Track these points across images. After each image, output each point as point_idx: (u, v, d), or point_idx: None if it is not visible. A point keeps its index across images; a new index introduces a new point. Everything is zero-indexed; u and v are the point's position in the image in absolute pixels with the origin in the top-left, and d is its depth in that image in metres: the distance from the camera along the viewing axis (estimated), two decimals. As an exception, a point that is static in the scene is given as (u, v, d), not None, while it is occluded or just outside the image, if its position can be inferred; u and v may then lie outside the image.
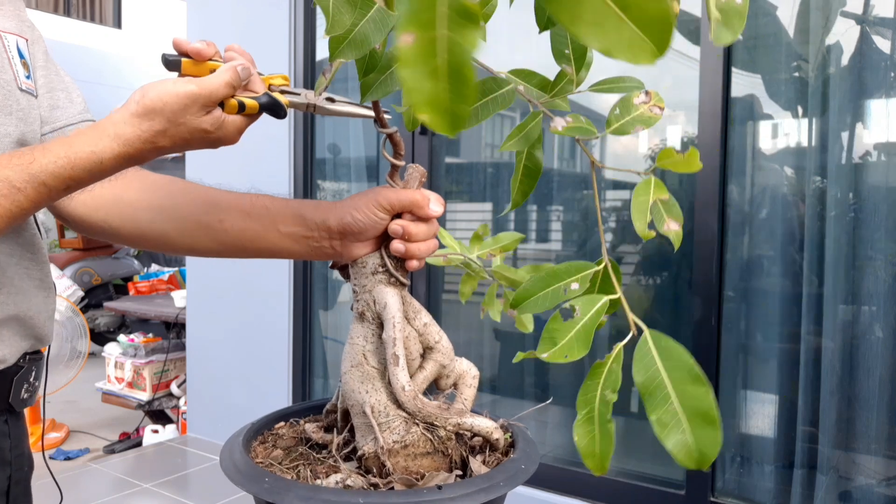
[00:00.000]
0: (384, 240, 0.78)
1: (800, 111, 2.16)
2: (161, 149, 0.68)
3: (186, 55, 0.68)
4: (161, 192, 0.86)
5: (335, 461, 0.76)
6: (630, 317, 0.49)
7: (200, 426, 3.57)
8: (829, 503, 2.10)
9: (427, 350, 0.79)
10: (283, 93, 0.72)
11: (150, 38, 10.02)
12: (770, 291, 2.21)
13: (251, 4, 3.29)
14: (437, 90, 0.38)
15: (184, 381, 3.75)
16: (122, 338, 3.93)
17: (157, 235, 0.86)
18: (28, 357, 0.90)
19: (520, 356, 0.52)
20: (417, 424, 0.72)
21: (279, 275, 3.27)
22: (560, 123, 0.55)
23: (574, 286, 0.52)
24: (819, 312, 2.08)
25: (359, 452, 0.74)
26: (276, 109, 0.71)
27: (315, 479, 0.72)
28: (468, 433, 0.75)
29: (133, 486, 2.97)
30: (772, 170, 2.25)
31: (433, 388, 0.81)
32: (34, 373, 0.92)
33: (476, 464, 0.72)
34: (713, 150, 2.17)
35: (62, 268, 5.53)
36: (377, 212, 0.75)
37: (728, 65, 2.16)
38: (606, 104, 2.71)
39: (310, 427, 0.83)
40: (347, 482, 0.69)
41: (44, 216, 0.95)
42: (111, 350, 3.91)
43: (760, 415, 2.26)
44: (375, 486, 0.70)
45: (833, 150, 2.06)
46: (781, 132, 2.23)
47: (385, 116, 0.76)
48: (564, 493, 2.48)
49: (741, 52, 2.20)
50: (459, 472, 0.73)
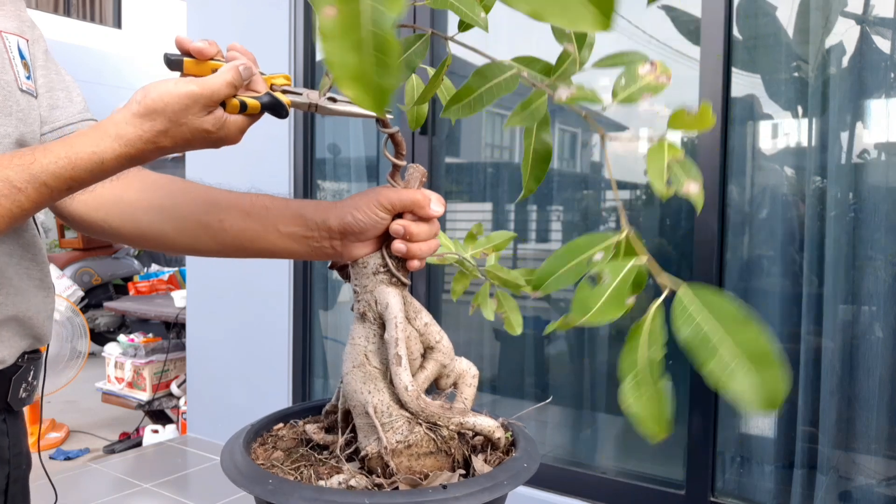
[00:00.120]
0: (385, 240, 0.78)
1: (800, 111, 2.15)
2: (163, 149, 0.68)
3: (189, 54, 0.68)
4: (161, 192, 0.86)
5: (337, 462, 0.76)
6: (664, 276, 0.47)
7: (200, 426, 3.57)
8: (829, 503, 2.10)
9: (428, 350, 0.79)
10: (285, 92, 0.72)
11: (150, 38, 10.01)
12: (770, 291, 2.20)
13: (251, 4, 3.29)
14: (362, 64, 0.37)
15: (184, 381, 3.75)
16: (122, 338, 3.93)
17: (157, 235, 0.86)
18: (27, 356, 0.90)
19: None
20: (420, 424, 0.72)
21: (279, 275, 3.27)
22: (564, 93, 0.54)
23: (597, 256, 0.51)
24: (819, 312, 2.08)
25: (361, 453, 0.74)
26: (278, 109, 0.71)
27: (318, 481, 0.72)
28: (470, 432, 0.75)
29: (133, 486, 2.96)
30: (772, 170, 2.25)
31: (433, 388, 0.81)
32: (32, 372, 0.92)
33: (479, 463, 0.72)
34: (713, 150, 2.17)
35: (62, 268, 5.53)
36: (378, 212, 0.75)
37: (728, 65, 2.16)
38: (606, 104, 2.70)
39: (310, 428, 0.83)
40: (351, 483, 0.69)
41: (44, 216, 0.95)
42: (111, 350, 3.91)
43: (760, 415, 2.26)
44: (379, 487, 0.70)
45: (833, 150, 2.06)
46: (781, 132, 2.23)
47: (387, 116, 0.76)
48: (564, 493, 2.48)
49: (741, 52, 2.20)
50: (463, 472, 0.73)
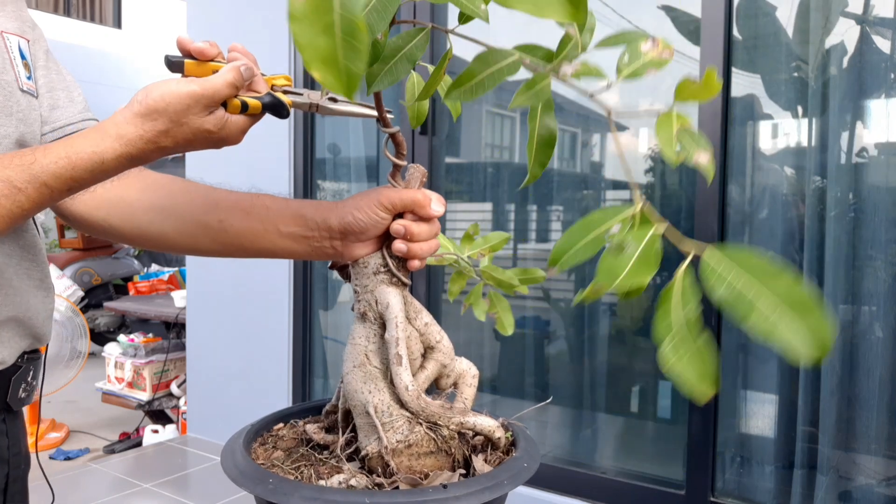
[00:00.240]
0: (385, 240, 0.78)
1: (800, 111, 2.15)
2: (164, 149, 0.67)
3: (190, 55, 0.68)
4: (162, 192, 0.86)
5: (338, 461, 0.76)
6: (686, 242, 0.46)
7: (200, 426, 3.57)
8: (829, 503, 2.10)
9: (428, 350, 0.79)
10: (286, 93, 0.72)
11: (150, 38, 10.02)
12: (770, 291, 2.20)
13: (251, 4, 3.29)
14: (332, 47, 0.37)
15: (184, 381, 3.75)
16: (122, 338, 3.93)
17: (158, 235, 0.86)
18: (26, 357, 0.90)
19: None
20: (421, 424, 0.72)
21: (279, 275, 3.27)
22: (569, 69, 0.54)
23: (615, 229, 0.50)
24: (819, 312, 2.08)
25: (362, 453, 0.74)
26: (279, 109, 0.71)
27: (318, 480, 0.72)
28: (470, 432, 0.75)
29: (133, 486, 2.96)
30: (772, 170, 2.25)
31: (433, 388, 0.81)
32: (32, 372, 0.92)
33: (479, 462, 0.72)
34: (713, 150, 2.17)
35: (62, 268, 5.52)
36: (379, 211, 0.75)
37: (728, 65, 2.16)
38: (606, 104, 2.70)
39: (310, 428, 0.83)
40: (351, 482, 0.69)
41: (43, 216, 0.95)
42: (111, 350, 3.91)
43: (760, 415, 2.26)
44: (380, 486, 0.70)
45: (833, 150, 2.06)
46: (781, 132, 2.23)
47: (387, 116, 0.76)
48: (564, 493, 2.48)
49: (741, 52, 2.20)
50: (463, 471, 0.73)
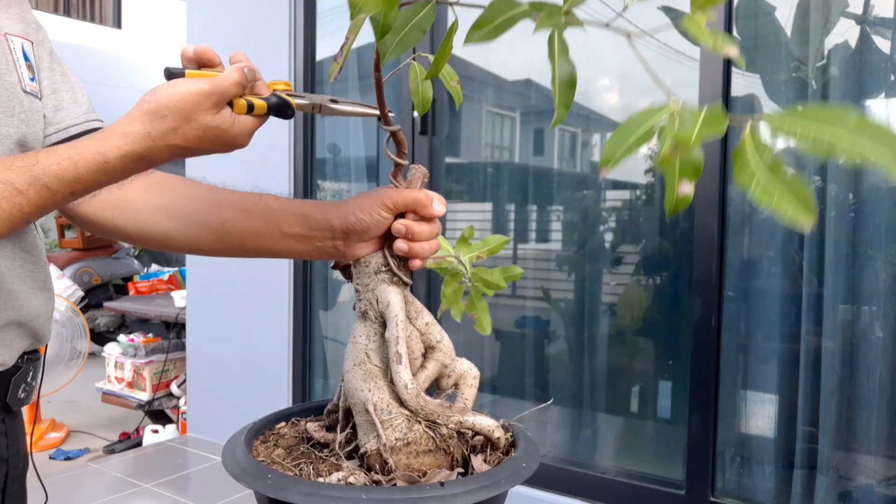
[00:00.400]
0: (387, 239, 0.78)
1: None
2: (173, 147, 0.66)
3: (191, 66, 0.68)
4: (165, 192, 0.87)
5: (337, 459, 0.76)
6: (735, 117, 0.47)
7: (200, 426, 3.57)
8: (829, 503, 2.10)
9: (429, 349, 0.79)
10: (288, 96, 0.73)
11: (150, 38, 10.02)
12: (770, 291, 2.21)
13: (251, 4, 3.29)
14: None
15: (184, 381, 3.75)
16: (122, 338, 3.93)
17: (162, 235, 0.86)
18: (26, 357, 0.91)
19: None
20: (420, 422, 0.72)
21: (279, 275, 3.27)
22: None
23: (662, 121, 0.49)
24: (819, 312, 2.09)
25: (361, 450, 0.74)
26: (284, 109, 0.71)
27: (317, 477, 0.72)
28: (470, 432, 0.75)
29: (133, 486, 2.96)
30: (772, 170, 2.25)
31: (434, 389, 0.81)
32: (31, 373, 0.92)
33: (478, 462, 0.72)
34: (713, 150, 2.17)
35: (62, 268, 5.53)
36: (381, 211, 0.76)
37: (728, 65, 2.16)
38: (606, 104, 2.71)
39: (311, 426, 0.83)
40: (350, 479, 0.69)
41: (43, 217, 0.95)
42: (111, 350, 3.91)
43: (760, 415, 2.26)
44: (377, 483, 0.70)
45: (833, 151, 2.06)
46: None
47: (389, 114, 0.76)
48: (564, 493, 2.48)
49: (741, 53, 2.20)
50: (461, 470, 0.73)
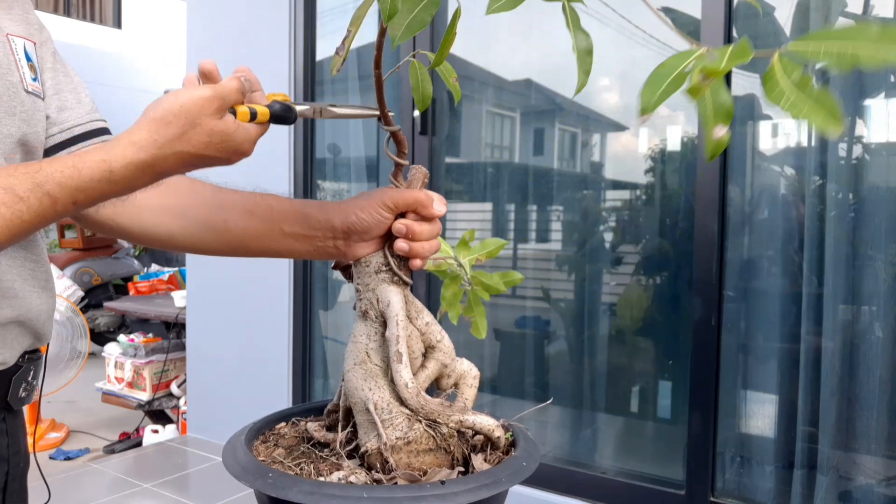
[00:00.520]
0: (387, 239, 0.78)
1: (800, 111, 2.16)
2: (180, 155, 0.65)
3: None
4: (168, 192, 0.87)
5: (338, 458, 0.76)
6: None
7: (200, 426, 3.57)
8: (829, 503, 2.10)
9: (429, 349, 0.79)
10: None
11: (150, 38, 10.02)
12: (770, 291, 2.21)
13: (251, 4, 3.29)
14: None
15: (184, 381, 3.75)
16: (122, 338, 3.93)
17: (164, 234, 0.87)
18: (27, 356, 0.91)
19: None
20: (420, 421, 0.73)
21: (279, 275, 3.27)
22: None
23: (692, 65, 0.50)
24: (819, 312, 2.09)
25: (362, 449, 0.74)
26: (287, 114, 0.71)
27: (318, 476, 0.72)
28: (470, 431, 0.75)
29: (133, 486, 2.97)
30: (772, 170, 2.25)
31: (434, 388, 0.81)
32: (32, 372, 0.92)
33: (478, 461, 0.73)
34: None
35: (62, 268, 5.53)
36: (382, 211, 0.76)
37: (728, 65, 2.16)
38: (606, 104, 2.71)
39: (312, 426, 0.83)
40: (350, 478, 0.69)
41: (43, 228, 0.95)
42: (111, 350, 3.91)
43: (760, 415, 2.26)
44: (378, 482, 0.70)
45: (833, 150, 2.07)
46: (781, 132, 2.23)
47: (389, 114, 0.77)
48: (564, 493, 2.48)
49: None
50: (462, 469, 0.73)
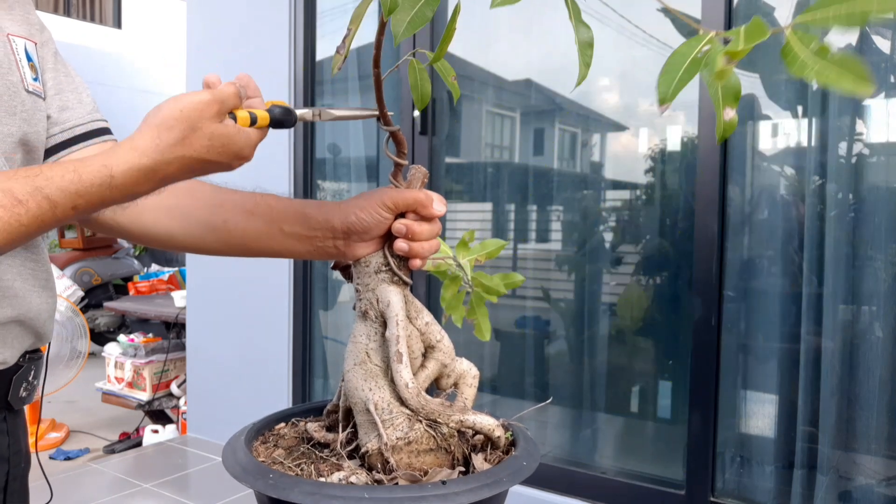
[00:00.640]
0: (387, 239, 0.78)
1: (799, 111, 2.16)
2: (182, 159, 0.65)
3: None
4: (168, 192, 0.87)
5: (338, 459, 0.76)
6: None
7: (200, 426, 3.57)
8: (829, 503, 2.10)
9: (428, 349, 0.79)
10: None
11: (150, 38, 10.03)
12: (770, 291, 2.21)
13: (251, 4, 3.29)
14: None
15: (184, 381, 3.75)
16: (122, 338, 3.93)
17: (164, 234, 0.87)
18: (28, 356, 0.91)
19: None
20: (420, 421, 0.73)
21: (279, 275, 3.27)
22: None
23: (706, 48, 0.50)
24: (819, 312, 2.09)
25: (362, 450, 0.74)
26: (286, 118, 0.72)
27: (319, 477, 0.72)
28: (470, 430, 0.75)
29: (133, 486, 2.97)
30: (772, 170, 2.25)
31: (434, 388, 0.81)
32: (33, 372, 0.92)
33: (478, 461, 0.73)
34: (713, 150, 2.18)
35: (62, 268, 5.53)
36: (382, 211, 0.76)
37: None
38: (606, 104, 2.71)
39: (311, 426, 0.83)
40: (351, 479, 0.69)
41: (42, 234, 0.95)
42: (111, 350, 3.91)
43: (760, 415, 2.26)
44: (379, 483, 0.70)
45: (833, 151, 2.07)
46: (781, 132, 2.23)
47: (388, 114, 0.77)
48: (564, 493, 2.48)
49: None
50: (462, 469, 0.73)
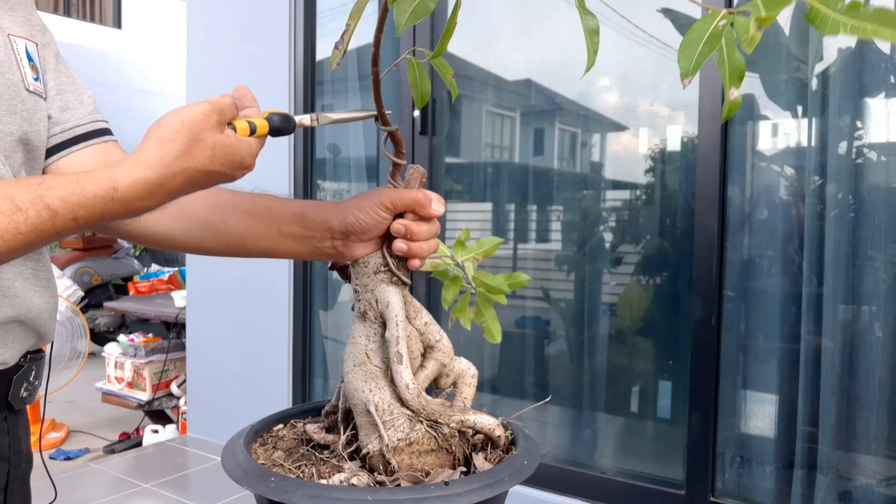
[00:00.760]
0: (386, 239, 0.78)
1: (799, 111, 2.16)
2: (186, 172, 0.65)
3: None
4: None
5: (338, 461, 0.76)
6: None
7: (200, 426, 3.57)
8: (829, 503, 2.10)
9: (428, 349, 0.79)
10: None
11: (150, 38, 10.02)
12: (770, 291, 2.21)
13: (251, 4, 3.29)
14: None
15: (184, 381, 3.75)
16: (122, 338, 3.93)
17: (164, 235, 0.88)
18: (29, 356, 0.91)
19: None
20: (421, 422, 0.73)
21: (279, 275, 3.27)
22: None
23: (722, 22, 0.51)
24: (819, 312, 2.09)
25: (363, 451, 0.74)
26: (285, 124, 0.72)
27: (319, 479, 0.72)
28: (471, 430, 0.75)
29: (133, 486, 2.96)
30: (771, 170, 2.25)
31: (433, 388, 0.81)
32: (34, 372, 0.92)
33: (479, 460, 0.73)
34: (713, 150, 2.17)
35: (62, 268, 5.53)
36: (380, 211, 0.76)
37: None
38: (606, 104, 2.71)
39: (311, 428, 0.83)
40: (352, 480, 0.69)
41: (42, 246, 0.95)
42: (111, 350, 3.91)
43: (760, 415, 2.26)
44: (381, 484, 0.70)
45: (832, 150, 2.07)
46: (781, 132, 2.23)
47: (386, 114, 0.76)
48: (564, 493, 2.48)
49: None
50: (464, 469, 0.73)
